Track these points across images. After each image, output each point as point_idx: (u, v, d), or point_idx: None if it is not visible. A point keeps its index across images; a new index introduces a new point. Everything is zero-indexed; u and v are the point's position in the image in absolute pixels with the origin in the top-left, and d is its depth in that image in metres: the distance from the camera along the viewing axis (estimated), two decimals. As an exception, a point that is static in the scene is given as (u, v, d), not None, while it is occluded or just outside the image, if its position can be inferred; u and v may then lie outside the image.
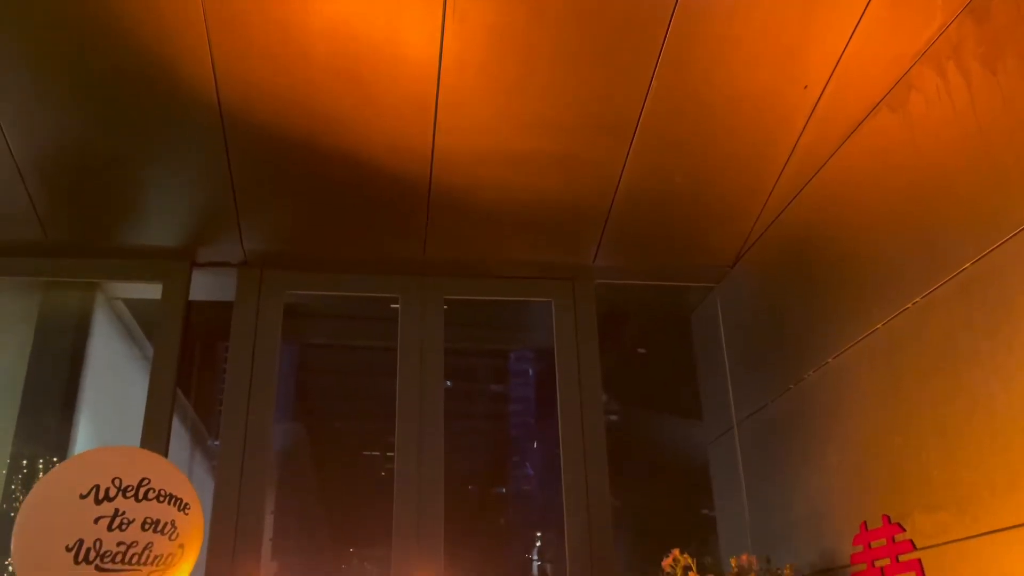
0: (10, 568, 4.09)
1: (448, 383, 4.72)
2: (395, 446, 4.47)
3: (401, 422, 4.47)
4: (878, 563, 3.21)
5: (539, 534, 5.64)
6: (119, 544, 2.78)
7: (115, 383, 4.83)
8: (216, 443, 4.58)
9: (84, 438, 4.44)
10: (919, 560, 2.99)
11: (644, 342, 4.78)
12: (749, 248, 4.46)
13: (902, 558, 3.07)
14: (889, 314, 3.22)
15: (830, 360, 3.62)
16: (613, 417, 5.21)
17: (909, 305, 3.11)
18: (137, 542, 2.82)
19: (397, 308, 4.70)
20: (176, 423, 4.60)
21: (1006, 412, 2.64)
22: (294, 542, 5.35)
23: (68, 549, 2.72)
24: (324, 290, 4.73)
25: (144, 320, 4.92)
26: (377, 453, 5.68)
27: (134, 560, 2.81)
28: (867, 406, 3.36)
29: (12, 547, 2.83)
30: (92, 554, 2.74)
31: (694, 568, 3.59)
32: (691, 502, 5.11)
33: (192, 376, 5.10)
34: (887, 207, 3.33)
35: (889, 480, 3.20)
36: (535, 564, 5.57)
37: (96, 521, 2.78)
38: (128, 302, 4.81)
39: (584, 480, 4.51)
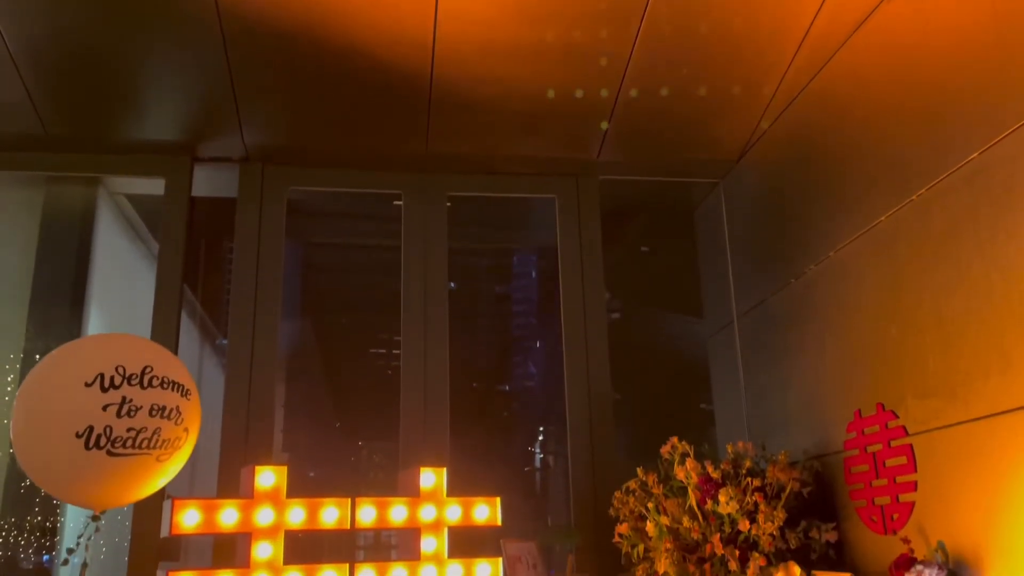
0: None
1: (452, 284, 4.76)
2: (401, 343, 4.55)
3: (406, 319, 4.54)
4: (870, 448, 3.31)
5: (542, 428, 5.80)
6: (129, 430, 2.86)
7: (123, 279, 4.87)
8: (224, 341, 4.66)
9: (95, 331, 4.52)
10: (911, 445, 3.08)
11: (647, 239, 4.78)
12: (755, 142, 4.41)
13: (894, 443, 3.16)
14: (893, 206, 3.22)
15: (832, 253, 3.64)
16: (615, 315, 5.27)
17: (914, 197, 3.10)
18: (146, 428, 2.90)
19: (400, 205, 4.69)
20: (185, 319, 4.67)
21: (1004, 301, 2.66)
22: (304, 435, 5.51)
23: (78, 435, 2.80)
24: (327, 186, 4.71)
25: (148, 217, 4.93)
26: (383, 351, 5.78)
27: (144, 445, 2.90)
28: (867, 298, 3.39)
29: (13, 433, 2.89)
30: (103, 440, 2.82)
31: (691, 455, 3.70)
32: (690, 396, 5.22)
33: (199, 274, 5.15)
34: (895, 98, 3.27)
35: (885, 369, 3.26)
36: (537, 456, 5.75)
37: (105, 408, 2.85)
38: (131, 198, 4.81)
39: (586, 375, 4.60)
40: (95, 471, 2.82)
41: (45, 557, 4.32)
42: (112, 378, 2.88)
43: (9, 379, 4.37)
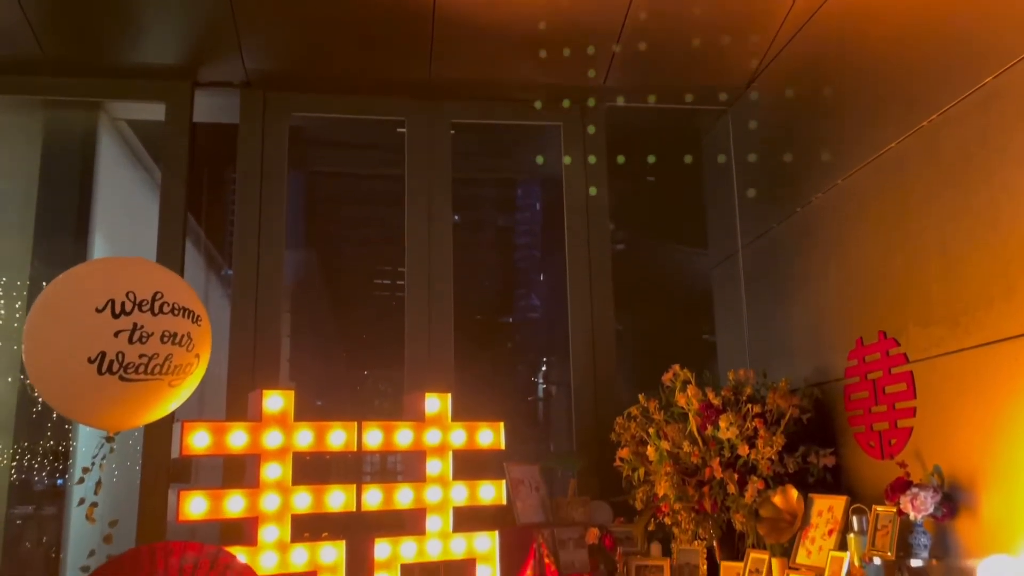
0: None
1: (456, 217, 4.74)
2: (405, 270, 4.56)
3: (410, 247, 4.54)
4: (871, 376, 3.34)
5: (544, 359, 5.85)
6: (141, 356, 2.87)
7: (126, 208, 4.86)
8: (230, 272, 4.66)
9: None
10: (911, 372, 3.11)
11: (653, 169, 4.73)
12: (764, 69, 4.33)
13: (895, 370, 3.19)
14: (902, 133, 3.17)
15: (839, 182, 3.61)
16: (620, 246, 5.25)
17: (924, 123, 3.06)
18: (158, 354, 2.92)
19: (404, 133, 4.64)
20: (190, 249, 4.68)
21: (1009, 227, 2.65)
22: (310, 364, 5.57)
23: (91, 361, 2.82)
24: (329, 112, 4.65)
25: (151, 144, 4.89)
26: (387, 281, 5.79)
27: (156, 371, 2.92)
28: (872, 227, 3.38)
29: (26, 358, 2.91)
30: (115, 365, 2.84)
31: (693, 382, 3.75)
32: (693, 327, 5.24)
33: (202, 203, 5.12)
34: (907, 24, 3.19)
35: (888, 298, 3.27)
36: (540, 386, 5.81)
37: (116, 335, 2.86)
38: (132, 124, 4.76)
39: (589, 306, 4.63)
40: (108, 396, 2.85)
41: (59, 480, 4.42)
42: (123, 304, 2.89)
43: (17, 306, 4.40)
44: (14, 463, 4.25)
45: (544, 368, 5.89)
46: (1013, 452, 2.62)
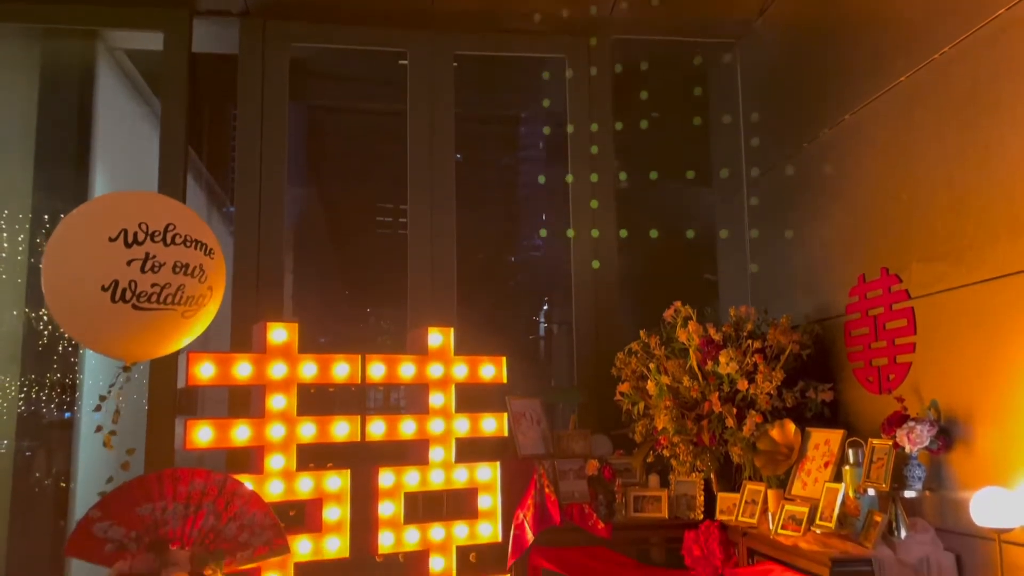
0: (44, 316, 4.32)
1: (459, 156, 4.70)
2: (408, 201, 4.55)
3: (413, 180, 4.52)
4: (872, 312, 3.35)
5: (546, 298, 5.86)
6: (153, 285, 2.90)
7: (127, 140, 4.81)
8: (232, 209, 4.65)
9: (102, 192, 4.50)
10: (912, 308, 3.12)
11: (658, 104, 4.67)
12: (773, 0, 4.24)
13: (896, 306, 3.20)
14: (914, 66, 3.12)
15: (847, 117, 3.56)
16: (623, 183, 5.21)
17: (936, 56, 3.00)
18: (170, 284, 2.93)
19: (406, 65, 4.57)
20: (192, 185, 4.65)
21: (1017, 163, 2.63)
22: (313, 302, 5.59)
23: (104, 289, 2.84)
24: (330, 43, 4.57)
25: (151, 77, 4.81)
26: (390, 219, 5.77)
27: (168, 300, 2.94)
28: (879, 162, 3.35)
29: (44, 288, 2.94)
30: (128, 294, 2.87)
31: (694, 318, 3.76)
32: (695, 266, 5.24)
33: (203, 137, 5.07)
34: (927, -50, 3.12)
35: (892, 234, 3.26)
36: (542, 325, 5.84)
37: (129, 263, 2.88)
38: (131, 54, 4.68)
39: (592, 244, 4.62)
40: (122, 324, 2.88)
41: (67, 414, 4.48)
42: (135, 234, 2.91)
43: (20, 239, 4.39)
44: (22, 395, 4.30)
45: (546, 307, 5.91)
46: (1011, 387, 2.64)
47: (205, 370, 3.24)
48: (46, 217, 4.42)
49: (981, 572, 2.73)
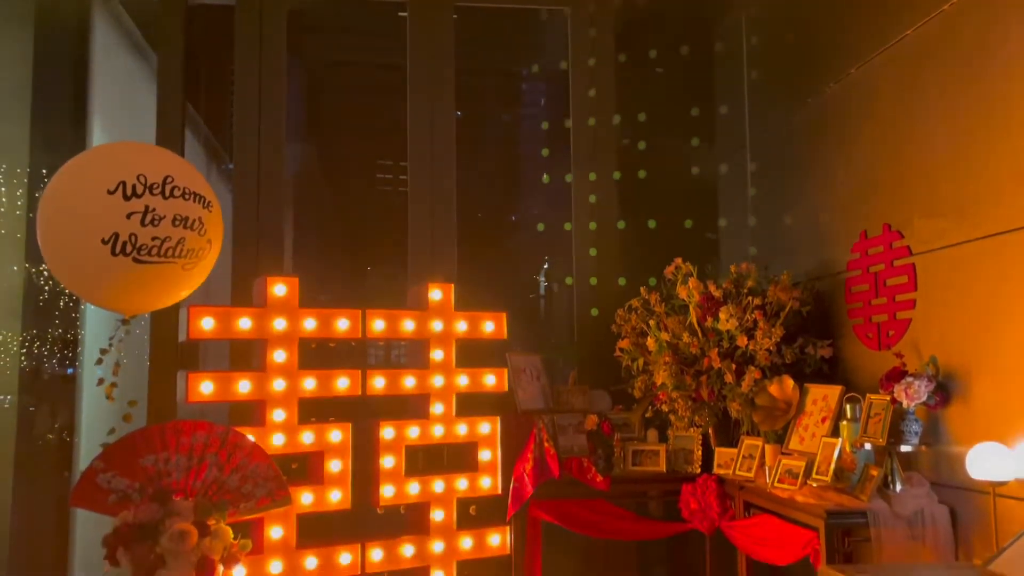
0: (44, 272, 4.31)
1: (459, 112, 4.65)
2: (407, 158, 4.52)
3: (413, 136, 4.48)
4: (873, 269, 3.35)
5: (547, 257, 5.85)
6: (154, 239, 2.88)
7: (125, 94, 4.76)
8: (231, 166, 4.61)
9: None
10: (913, 265, 3.12)
11: (662, 60, 4.61)
12: (781, -46, 4.17)
13: (897, 263, 3.20)
14: (921, 18, 3.07)
15: (853, 71, 3.52)
16: (625, 140, 5.17)
17: (945, 7, 2.96)
18: (170, 237, 2.92)
19: (405, 17, 4.50)
20: (191, 140, 4.61)
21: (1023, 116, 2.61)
22: (313, 259, 5.57)
23: (104, 242, 2.83)
24: (328, -8, 4.51)
25: (148, 31, 4.74)
26: (390, 176, 5.73)
27: (169, 254, 2.93)
28: (884, 117, 3.32)
29: (40, 240, 2.92)
30: (129, 247, 2.85)
31: (695, 275, 3.76)
32: (697, 224, 5.22)
33: (201, 93, 5.01)
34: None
35: (895, 190, 3.24)
36: (543, 284, 5.84)
37: (129, 216, 2.86)
38: (127, 6, 4.60)
39: (593, 201, 4.60)
40: (123, 277, 2.87)
41: (69, 369, 4.50)
42: (134, 186, 2.88)
43: (18, 194, 4.37)
44: (24, 351, 4.31)
45: (547, 266, 5.90)
46: (1010, 343, 2.65)
47: (206, 324, 3.25)
48: (44, 172, 4.39)
49: (975, 524, 2.77)
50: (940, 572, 2.39)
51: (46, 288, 4.39)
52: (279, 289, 3.39)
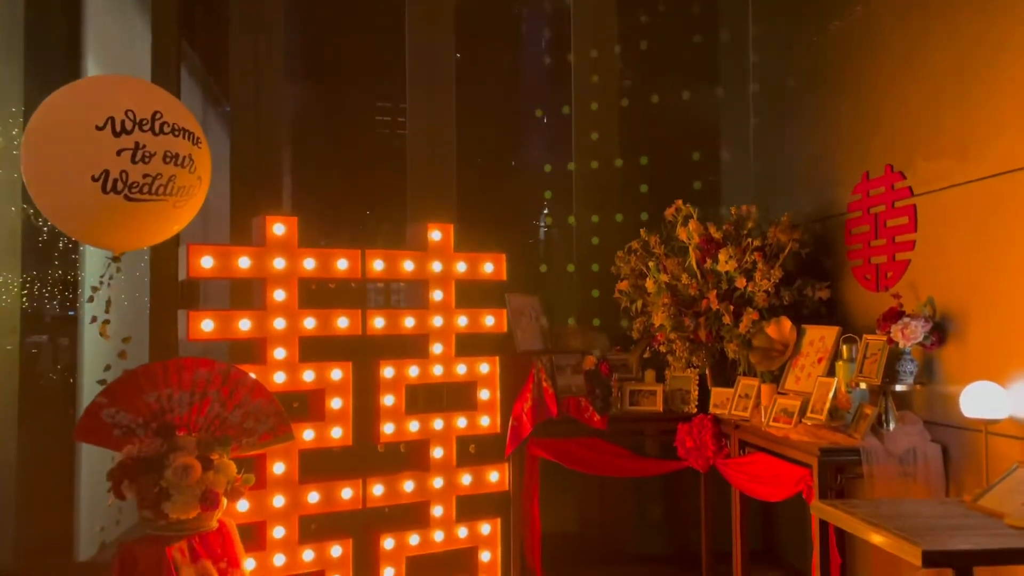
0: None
1: (458, 55, 4.58)
2: (406, 98, 4.47)
3: (412, 78, 4.43)
4: (873, 210, 3.34)
5: (546, 203, 5.81)
6: (145, 176, 2.85)
7: (120, 31, 4.67)
8: (229, 109, 4.56)
9: (94, 84, 4.41)
10: (914, 205, 3.11)
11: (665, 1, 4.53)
12: None
13: (898, 204, 3.19)
14: (932, -47, 3.01)
15: (859, 8, 3.46)
16: (627, 81, 5.10)
17: (955, -59, 2.90)
18: (161, 174, 2.89)
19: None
20: (187, 80, 4.56)
21: (1033, 53, 2.57)
22: (312, 201, 5.55)
23: (94, 179, 2.80)
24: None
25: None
26: (388, 118, 5.67)
27: (160, 191, 2.90)
28: (890, 56, 3.27)
29: (26, 176, 2.88)
30: (120, 185, 2.82)
31: (695, 217, 3.76)
32: (699, 167, 5.18)
33: (197, 32, 4.92)
34: None
35: (899, 131, 3.21)
36: (542, 229, 5.82)
37: (119, 153, 2.82)
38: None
39: (593, 143, 4.57)
40: (114, 215, 2.84)
41: (70, 311, 4.51)
42: (123, 122, 2.83)
43: (14, 133, 4.33)
44: (24, 292, 4.32)
45: (546, 211, 5.88)
46: (1007, 283, 2.66)
47: (206, 262, 3.25)
48: (39, 109, 4.34)
49: (966, 462, 2.82)
50: (929, 507, 2.44)
51: (44, 229, 4.38)
52: (278, 228, 3.38)
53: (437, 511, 3.61)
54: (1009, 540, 2.08)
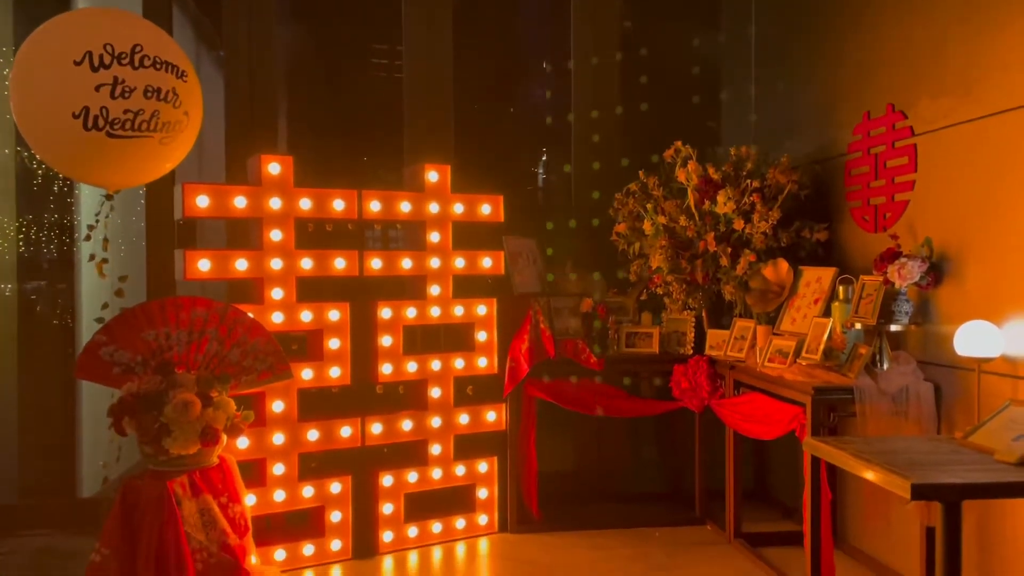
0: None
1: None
2: (402, 39, 4.40)
3: (408, 17, 4.35)
4: (873, 150, 3.31)
5: (545, 150, 5.77)
6: (126, 112, 2.80)
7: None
8: (223, 53, 4.48)
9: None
10: (915, 145, 3.09)
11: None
12: None
13: (898, 144, 3.16)
14: None
15: (865, -57, 3.39)
16: (627, 23, 5.01)
17: None
18: (143, 110, 2.83)
19: None
20: (178, 17, 4.46)
21: (1040, -13, 2.52)
22: (308, 146, 5.50)
23: (75, 116, 2.76)
24: None
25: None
26: (385, 61, 5.59)
27: (143, 127, 2.85)
28: (894, -7, 3.22)
29: (14, 113, 2.85)
30: (101, 121, 2.78)
31: (694, 158, 3.73)
32: (698, 111, 5.12)
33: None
34: None
35: (901, 69, 3.17)
36: (540, 177, 5.78)
37: (97, 89, 2.77)
38: None
39: (592, 89, 4.51)
40: (98, 152, 2.81)
41: (67, 255, 4.50)
42: (101, 56, 2.77)
43: (5, 73, 4.27)
44: (21, 236, 4.30)
45: (544, 158, 5.83)
46: (1005, 223, 2.65)
47: (201, 202, 3.23)
48: (29, 50, 4.26)
49: (958, 399, 2.85)
50: (920, 444, 2.47)
51: (39, 171, 4.34)
52: (273, 168, 3.36)
53: (435, 449, 3.66)
54: (997, 474, 2.11)
